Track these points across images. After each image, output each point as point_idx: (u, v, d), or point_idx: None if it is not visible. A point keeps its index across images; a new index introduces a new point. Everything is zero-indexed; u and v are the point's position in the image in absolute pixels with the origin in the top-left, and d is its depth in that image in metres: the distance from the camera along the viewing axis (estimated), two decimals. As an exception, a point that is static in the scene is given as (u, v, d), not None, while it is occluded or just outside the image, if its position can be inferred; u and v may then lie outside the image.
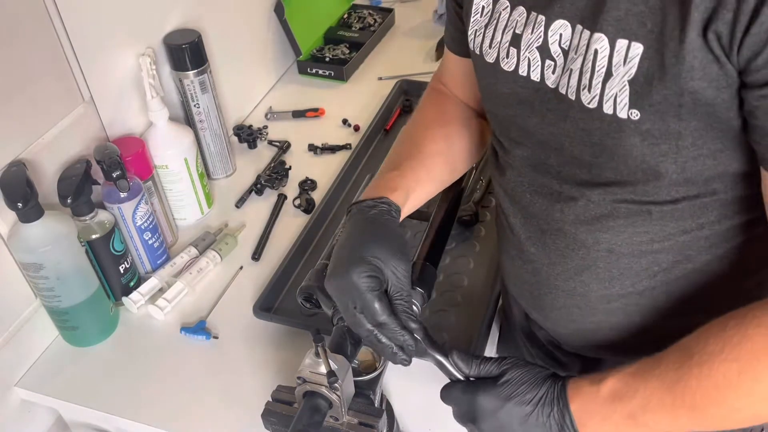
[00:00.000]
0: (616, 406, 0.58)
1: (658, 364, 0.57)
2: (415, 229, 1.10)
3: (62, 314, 0.92)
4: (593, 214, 0.65)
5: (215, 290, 1.03)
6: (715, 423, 0.56)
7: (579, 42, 0.57)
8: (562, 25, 0.58)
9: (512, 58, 0.63)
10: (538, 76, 0.62)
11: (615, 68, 0.54)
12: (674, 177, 0.58)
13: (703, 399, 0.54)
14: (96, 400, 0.89)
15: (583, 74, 0.56)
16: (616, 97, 0.55)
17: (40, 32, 0.87)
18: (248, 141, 1.30)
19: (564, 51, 0.59)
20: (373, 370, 0.76)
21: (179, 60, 1.09)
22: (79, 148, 0.97)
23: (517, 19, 0.62)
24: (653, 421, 0.57)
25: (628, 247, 0.65)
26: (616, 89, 0.54)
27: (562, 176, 0.66)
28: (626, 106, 0.54)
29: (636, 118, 0.54)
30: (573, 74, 0.58)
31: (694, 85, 0.51)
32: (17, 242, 0.85)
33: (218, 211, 1.18)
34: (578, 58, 0.57)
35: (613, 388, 0.59)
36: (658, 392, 0.56)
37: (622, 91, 0.54)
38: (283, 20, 1.42)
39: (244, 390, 0.88)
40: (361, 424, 0.70)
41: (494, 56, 0.65)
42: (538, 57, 0.61)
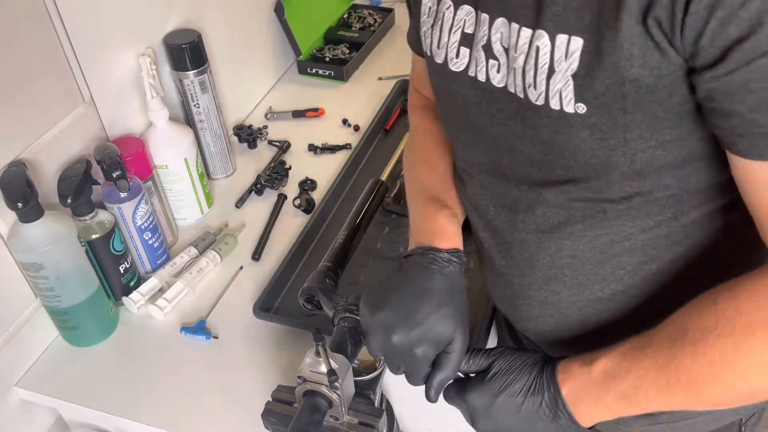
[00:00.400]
0: (609, 386, 0.58)
1: (650, 342, 0.56)
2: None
3: (62, 314, 0.92)
4: (552, 222, 0.64)
5: (215, 290, 1.03)
6: (712, 401, 0.56)
7: (518, 40, 0.56)
8: (503, 23, 0.58)
9: (463, 59, 0.62)
10: (484, 76, 0.61)
11: (557, 64, 0.53)
12: (625, 170, 0.57)
13: (699, 377, 0.53)
14: (96, 400, 0.89)
15: (527, 72, 0.56)
16: (561, 92, 0.54)
17: (40, 32, 0.87)
18: (248, 141, 1.30)
19: (505, 50, 0.58)
20: (373, 370, 0.76)
21: (179, 60, 1.09)
22: (79, 148, 0.97)
23: (465, 19, 0.61)
24: (647, 401, 0.57)
25: (590, 251, 0.64)
26: (560, 84, 0.54)
27: (518, 178, 0.65)
28: (572, 100, 0.54)
29: (582, 112, 0.54)
30: (517, 73, 0.57)
31: (634, 73, 0.50)
32: (17, 242, 0.85)
33: (218, 211, 1.18)
34: (519, 56, 0.56)
35: (604, 368, 0.58)
36: (651, 371, 0.55)
37: (566, 86, 0.54)
38: (283, 20, 1.42)
39: (244, 390, 0.88)
40: (361, 424, 0.70)
41: (443, 57, 0.64)
42: (483, 57, 0.60)
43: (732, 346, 0.52)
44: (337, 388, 0.66)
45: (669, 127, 0.54)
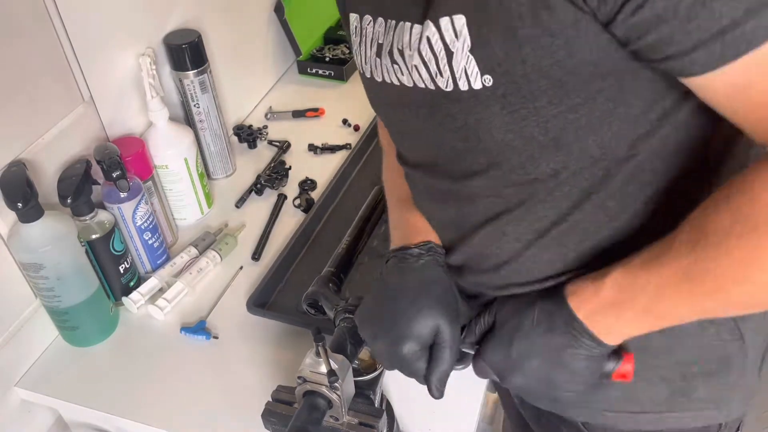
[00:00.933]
0: (627, 302, 0.56)
1: (667, 250, 0.54)
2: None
3: (62, 314, 0.92)
4: (495, 211, 0.64)
5: (215, 290, 1.03)
6: (742, 303, 0.53)
7: (411, 38, 0.57)
8: (401, 26, 0.59)
9: (377, 68, 0.64)
10: (396, 80, 0.62)
11: (451, 45, 0.54)
12: (541, 140, 0.56)
13: (725, 280, 0.51)
14: (96, 400, 0.89)
15: (428, 63, 0.56)
16: (465, 70, 0.54)
17: (40, 32, 0.87)
18: (248, 141, 1.30)
19: (400, 52, 0.59)
20: (373, 370, 0.76)
21: (179, 60, 1.10)
22: (79, 148, 0.97)
23: (379, 30, 0.62)
24: (670, 312, 0.54)
25: (532, 233, 0.64)
26: (462, 63, 0.54)
27: (453, 174, 0.65)
28: (478, 75, 0.54)
29: (489, 84, 0.54)
30: (420, 69, 0.58)
31: (527, 32, 0.50)
32: (17, 242, 0.85)
33: (218, 211, 1.18)
34: (414, 54, 0.57)
35: (619, 283, 0.56)
36: (672, 280, 0.53)
37: (469, 63, 0.54)
38: (283, 20, 1.42)
39: (244, 390, 0.88)
40: (361, 424, 0.70)
41: (369, 71, 0.66)
42: (389, 62, 0.61)
43: (755, 243, 0.49)
44: (337, 389, 0.66)
45: (575, 89, 0.53)
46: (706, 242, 0.51)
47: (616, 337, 0.59)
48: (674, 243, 0.53)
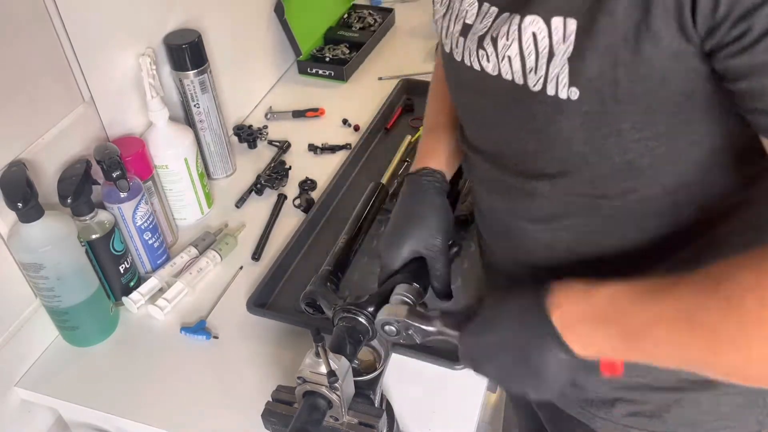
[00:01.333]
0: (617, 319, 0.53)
1: (676, 285, 0.51)
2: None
3: (62, 314, 0.92)
4: (550, 213, 0.64)
5: (215, 290, 1.03)
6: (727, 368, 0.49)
7: (510, 27, 0.56)
8: (497, 12, 0.58)
9: (459, 47, 0.63)
10: (478, 65, 0.61)
11: (556, 46, 0.53)
12: (617, 161, 0.56)
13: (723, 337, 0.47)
14: (96, 400, 0.89)
15: (527, 57, 0.55)
16: (558, 76, 0.53)
17: (40, 32, 0.87)
18: (248, 141, 1.30)
19: (493, 39, 0.58)
20: (373, 370, 0.76)
21: (179, 60, 1.09)
22: (79, 148, 0.97)
23: (467, 9, 0.61)
24: (654, 347, 0.51)
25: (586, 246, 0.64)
26: (557, 68, 0.53)
27: (517, 169, 0.65)
28: (566, 85, 0.53)
29: (575, 98, 0.53)
30: (513, 60, 0.56)
31: (626, 56, 0.49)
32: (17, 242, 0.85)
33: (218, 211, 1.18)
34: (512, 43, 0.56)
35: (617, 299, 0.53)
36: (671, 314, 0.50)
37: (563, 70, 0.53)
38: (283, 20, 1.42)
39: (244, 390, 0.88)
40: (361, 424, 0.70)
41: (449, 46, 0.65)
42: (475, 46, 0.60)
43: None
44: (337, 389, 0.66)
45: (662, 120, 0.53)
46: (717, 292, 0.48)
47: (591, 350, 0.56)
48: (687, 281, 0.51)
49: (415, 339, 0.68)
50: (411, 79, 1.42)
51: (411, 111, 1.36)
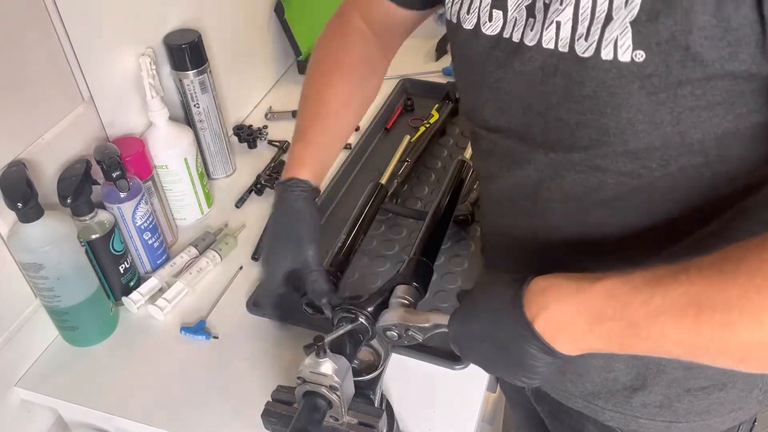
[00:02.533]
0: (614, 313, 0.50)
1: (686, 269, 0.48)
2: (411, 227, 1.10)
3: (62, 314, 0.92)
4: (582, 190, 0.62)
5: (215, 290, 1.03)
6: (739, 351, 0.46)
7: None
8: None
9: (497, 21, 0.60)
10: (519, 36, 0.59)
11: (615, 11, 0.51)
12: (668, 130, 0.54)
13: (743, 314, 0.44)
14: (96, 400, 0.89)
15: (580, 23, 0.53)
16: (616, 40, 0.52)
17: (40, 32, 0.87)
18: (248, 141, 1.30)
19: (545, 5, 0.56)
20: (373, 370, 0.76)
21: (179, 60, 1.09)
22: (79, 148, 0.97)
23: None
24: (659, 337, 0.48)
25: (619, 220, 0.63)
26: (616, 32, 0.51)
27: (548, 144, 0.62)
28: (629, 48, 0.51)
29: (640, 60, 0.51)
30: (562, 26, 0.55)
31: (705, 20, 0.48)
32: (17, 242, 0.85)
33: (218, 211, 1.18)
34: (565, 8, 0.54)
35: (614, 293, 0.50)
36: (680, 300, 0.47)
37: (624, 34, 0.51)
38: (283, 20, 1.42)
39: (244, 390, 0.88)
40: (361, 424, 0.70)
41: (474, 22, 0.63)
42: (524, 16, 0.58)
43: None
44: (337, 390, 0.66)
45: (721, 88, 0.52)
46: (738, 269, 0.45)
47: (577, 347, 0.53)
48: (699, 266, 0.48)
49: (417, 338, 0.69)
50: (411, 79, 1.42)
51: (411, 111, 1.36)
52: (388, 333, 0.70)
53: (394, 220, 1.12)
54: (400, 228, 1.10)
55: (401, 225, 1.11)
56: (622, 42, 0.52)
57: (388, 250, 1.07)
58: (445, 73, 1.47)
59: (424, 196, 1.17)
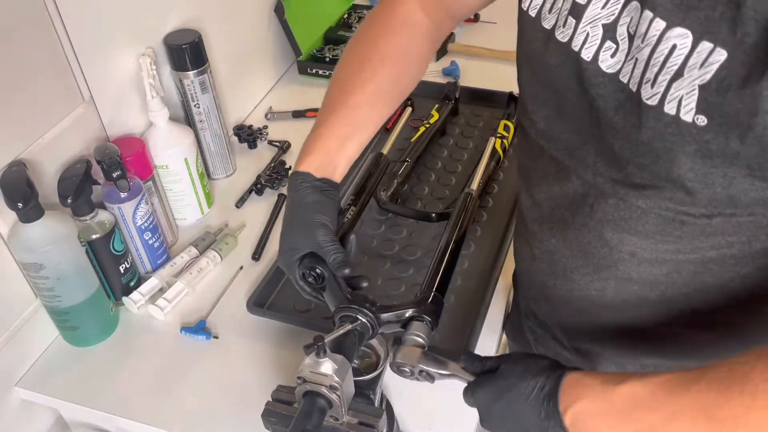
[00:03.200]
0: (634, 414, 0.52)
1: (697, 379, 0.50)
2: (411, 227, 1.10)
3: (62, 314, 0.92)
4: (622, 216, 0.62)
5: (215, 290, 1.03)
6: None
7: (648, 31, 0.52)
8: (636, 8, 0.53)
9: (568, 29, 0.58)
10: (591, 55, 0.57)
11: (688, 70, 0.49)
12: (718, 191, 0.54)
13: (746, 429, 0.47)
14: (96, 400, 0.89)
15: (650, 67, 0.52)
16: (681, 99, 0.50)
17: (40, 32, 0.87)
18: (248, 141, 1.30)
19: (630, 36, 0.54)
20: (373, 370, 0.76)
21: (179, 60, 1.10)
22: (79, 148, 0.97)
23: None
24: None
25: (652, 253, 0.62)
26: (683, 91, 0.50)
27: (597, 168, 0.62)
28: (692, 110, 0.50)
29: (702, 125, 0.50)
30: (638, 64, 0.53)
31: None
32: (17, 242, 0.85)
33: (218, 211, 1.18)
34: (645, 47, 0.52)
35: (634, 393, 0.53)
36: (691, 411, 0.49)
37: (690, 95, 0.50)
38: (283, 20, 1.42)
39: (244, 390, 0.88)
40: (361, 424, 0.70)
41: (552, 23, 0.60)
42: (599, 35, 0.56)
43: None
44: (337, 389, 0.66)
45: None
46: (744, 387, 0.47)
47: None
48: (708, 374, 0.50)
49: (430, 380, 0.70)
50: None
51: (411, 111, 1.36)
52: (402, 369, 0.71)
53: (394, 220, 1.12)
54: (400, 228, 1.10)
55: (401, 225, 1.11)
56: (686, 102, 0.50)
57: (388, 250, 1.07)
58: (445, 73, 1.47)
59: (424, 196, 1.17)
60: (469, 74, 1.45)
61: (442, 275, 0.83)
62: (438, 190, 1.18)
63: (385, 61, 0.80)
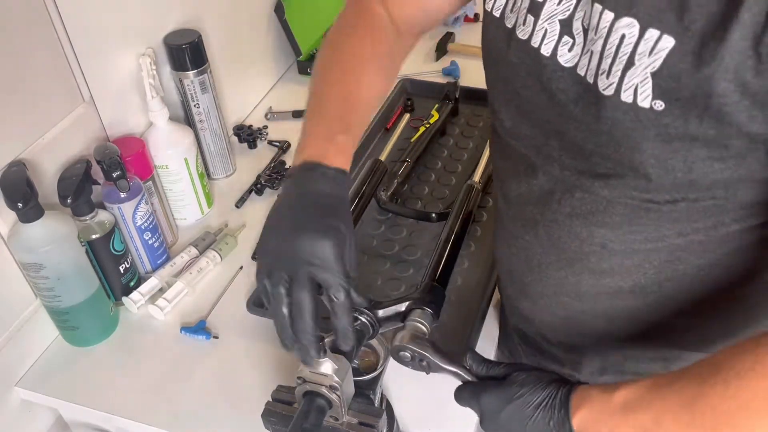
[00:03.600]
0: (628, 417, 0.55)
1: (679, 377, 0.53)
2: (411, 227, 1.10)
3: (62, 314, 0.92)
4: (589, 209, 0.63)
5: (215, 290, 1.03)
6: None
7: (599, 23, 0.53)
8: (587, 1, 0.55)
9: (528, 27, 0.59)
10: (549, 50, 0.58)
11: (638, 57, 0.51)
12: (679, 176, 0.55)
13: (724, 421, 0.49)
14: (96, 400, 0.89)
15: (604, 58, 0.53)
16: (637, 87, 0.52)
17: (40, 32, 0.87)
18: (248, 141, 1.30)
19: (584, 30, 0.55)
20: (373, 370, 0.76)
21: (179, 60, 1.09)
22: (79, 148, 0.97)
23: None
24: None
25: (621, 244, 0.64)
26: (637, 79, 0.51)
27: (562, 162, 0.63)
28: (649, 96, 0.51)
29: (659, 109, 0.51)
30: (594, 56, 0.54)
31: (725, 87, 0.48)
32: (17, 242, 0.85)
33: (218, 211, 1.18)
34: (598, 39, 0.53)
35: (626, 398, 0.55)
36: (674, 407, 0.52)
37: (645, 82, 0.51)
38: (283, 20, 1.42)
39: (244, 390, 0.88)
40: (361, 424, 0.70)
41: (513, 21, 0.61)
42: (557, 31, 0.57)
43: (766, 392, 0.47)
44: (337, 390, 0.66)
45: (737, 146, 0.52)
46: (717, 377, 0.49)
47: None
48: (687, 372, 0.53)
49: (426, 370, 0.70)
50: (411, 79, 1.42)
51: (411, 110, 1.36)
52: (402, 354, 0.70)
53: (394, 220, 1.12)
54: (400, 228, 1.10)
55: (401, 225, 1.11)
56: (642, 89, 0.52)
57: (388, 250, 1.07)
58: (445, 73, 1.47)
59: (424, 196, 1.17)
60: (469, 74, 1.45)
61: (443, 267, 0.83)
62: (438, 190, 1.18)
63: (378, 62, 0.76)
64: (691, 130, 0.52)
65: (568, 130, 0.60)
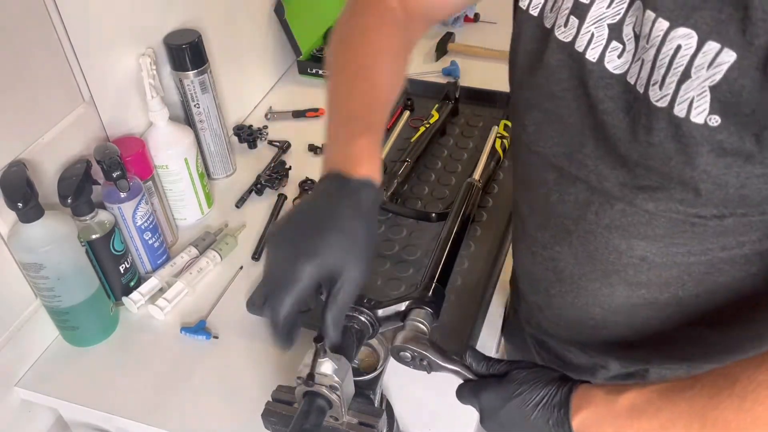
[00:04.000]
0: (633, 421, 0.54)
1: (691, 386, 0.52)
2: (411, 227, 1.10)
3: (62, 314, 0.92)
4: (630, 221, 0.60)
5: (215, 290, 1.03)
6: None
7: (652, 31, 0.51)
8: (638, 8, 0.52)
9: (571, 29, 0.56)
10: (596, 56, 0.55)
11: (695, 70, 0.49)
12: (731, 192, 0.53)
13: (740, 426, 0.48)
14: (96, 400, 0.89)
15: (656, 68, 0.51)
16: (692, 100, 0.49)
17: (40, 32, 0.87)
18: (248, 141, 1.30)
19: (636, 36, 0.53)
20: (373, 370, 0.76)
21: (179, 60, 1.09)
22: (79, 148, 0.97)
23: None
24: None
25: (662, 257, 0.62)
26: (693, 93, 0.49)
27: (600, 173, 0.60)
28: (705, 111, 0.49)
29: (714, 125, 0.49)
30: (645, 65, 0.52)
31: None
32: (17, 242, 0.85)
33: (218, 211, 1.18)
34: (650, 48, 0.51)
35: (633, 401, 0.54)
36: (685, 416, 0.51)
37: (701, 96, 0.49)
38: (283, 20, 1.42)
39: (244, 390, 0.88)
40: (361, 424, 0.70)
41: (552, 22, 0.58)
42: (605, 35, 0.54)
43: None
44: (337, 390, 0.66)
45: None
46: (733, 389, 0.49)
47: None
48: (701, 381, 0.52)
49: (427, 370, 0.70)
50: (411, 79, 1.42)
51: (411, 110, 1.36)
52: (402, 354, 0.70)
53: (394, 220, 1.12)
54: (400, 228, 1.10)
55: (401, 225, 1.11)
56: (698, 104, 0.49)
57: (388, 250, 1.07)
58: (445, 73, 1.47)
59: (424, 196, 1.17)
60: (469, 74, 1.45)
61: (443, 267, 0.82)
62: (438, 190, 1.18)
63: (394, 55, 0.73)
64: (747, 148, 0.50)
65: (609, 139, 0.57)
